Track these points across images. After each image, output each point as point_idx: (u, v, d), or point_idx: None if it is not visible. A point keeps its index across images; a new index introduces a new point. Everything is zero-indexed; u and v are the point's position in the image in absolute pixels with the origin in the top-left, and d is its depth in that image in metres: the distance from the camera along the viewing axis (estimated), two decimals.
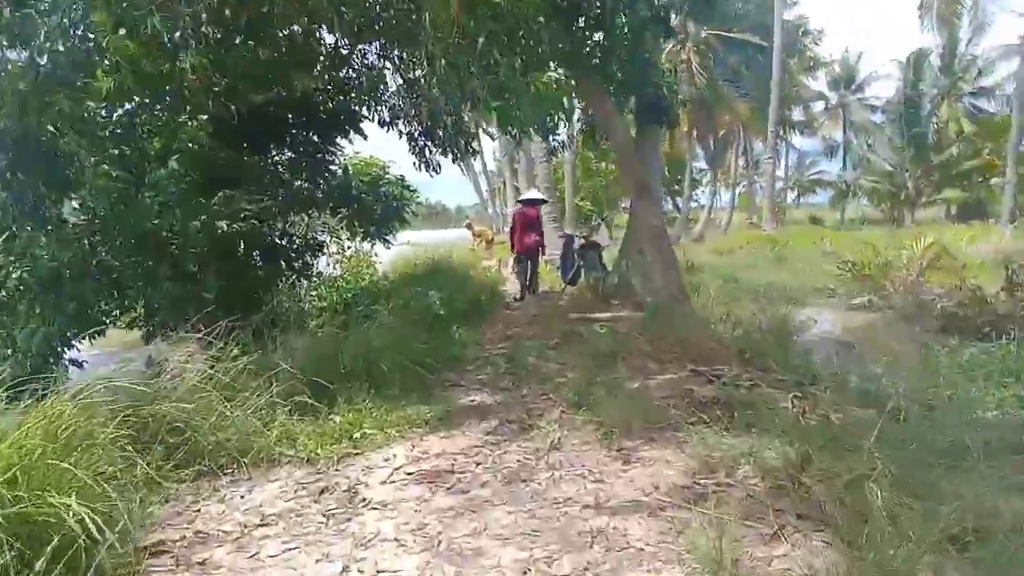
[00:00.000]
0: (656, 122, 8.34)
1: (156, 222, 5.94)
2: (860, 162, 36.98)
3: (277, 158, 8.76)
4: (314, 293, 11.30)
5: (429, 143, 8.68)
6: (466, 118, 9.12)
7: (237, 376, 4.11)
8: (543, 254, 10.30)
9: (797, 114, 36.97)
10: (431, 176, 9.00)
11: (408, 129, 8.63)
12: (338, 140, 8.81)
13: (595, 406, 4.11)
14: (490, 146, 38.03)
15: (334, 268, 13.50)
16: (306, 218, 10.01)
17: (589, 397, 4.25)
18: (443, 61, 4.44)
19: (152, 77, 4.11)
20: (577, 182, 24.72)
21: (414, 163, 8.92)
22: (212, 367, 3.92)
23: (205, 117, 6.03)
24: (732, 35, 24.97)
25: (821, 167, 41.87)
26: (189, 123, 5.90)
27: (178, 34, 4.07)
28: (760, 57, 25.44)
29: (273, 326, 7.98)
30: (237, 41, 5.02)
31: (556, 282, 11.42)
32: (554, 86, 4.60)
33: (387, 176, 10.53)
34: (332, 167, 9.53)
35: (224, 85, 5.15)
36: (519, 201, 11.26)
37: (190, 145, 5.98)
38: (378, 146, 11.38)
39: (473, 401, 4.70)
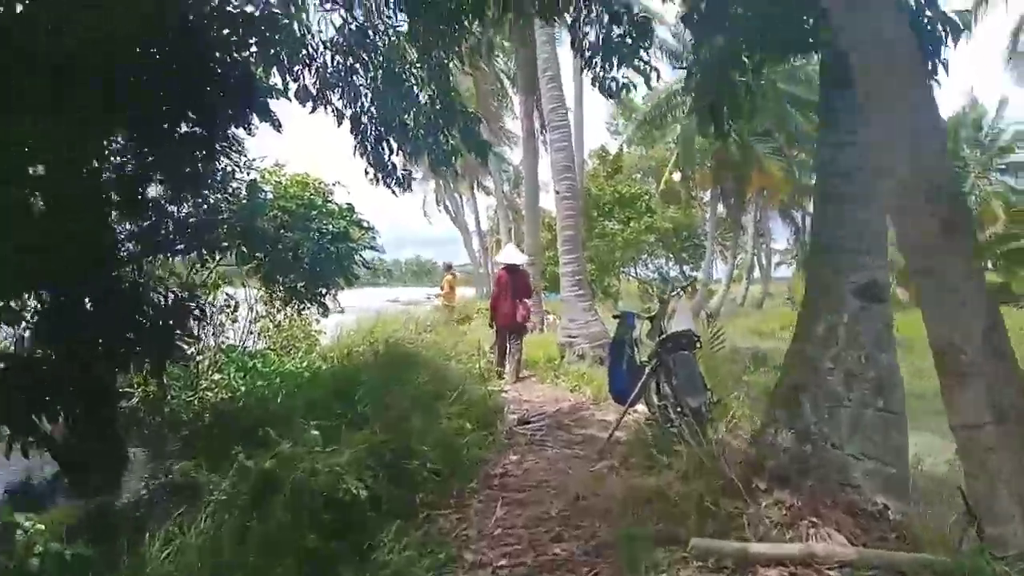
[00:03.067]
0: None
1: None
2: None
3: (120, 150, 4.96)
4: (216, 377, 7.31)
5: (390, 137, 4.83)
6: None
7: None
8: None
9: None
10: (395, 195, 5.17)
11: (351, 110, 4.78)
12: (231, 131, 5.02)
13: None
14: (484, 203, 34.93)
15: (257, 338, 9.61)
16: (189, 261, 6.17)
17: None
18: None
19: None
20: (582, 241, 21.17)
21: (365, 171, 5.08)
22: None
23: None
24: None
25: None
26: None
27: None
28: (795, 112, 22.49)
29: None
30: None
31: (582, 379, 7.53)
32: None
33: (327, 205, 6.73)
34: (228, 180, 5.73)
35: None
36: (501, 263, 8.91)
37: None
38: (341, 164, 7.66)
39: None
